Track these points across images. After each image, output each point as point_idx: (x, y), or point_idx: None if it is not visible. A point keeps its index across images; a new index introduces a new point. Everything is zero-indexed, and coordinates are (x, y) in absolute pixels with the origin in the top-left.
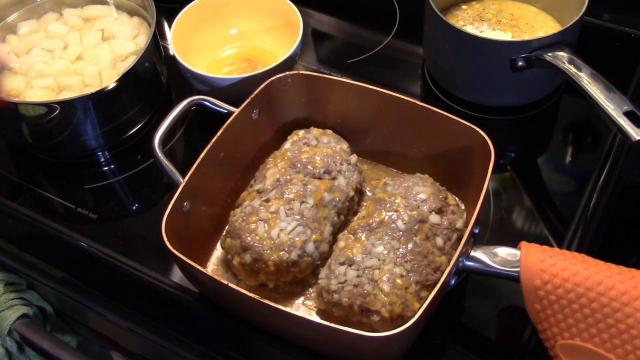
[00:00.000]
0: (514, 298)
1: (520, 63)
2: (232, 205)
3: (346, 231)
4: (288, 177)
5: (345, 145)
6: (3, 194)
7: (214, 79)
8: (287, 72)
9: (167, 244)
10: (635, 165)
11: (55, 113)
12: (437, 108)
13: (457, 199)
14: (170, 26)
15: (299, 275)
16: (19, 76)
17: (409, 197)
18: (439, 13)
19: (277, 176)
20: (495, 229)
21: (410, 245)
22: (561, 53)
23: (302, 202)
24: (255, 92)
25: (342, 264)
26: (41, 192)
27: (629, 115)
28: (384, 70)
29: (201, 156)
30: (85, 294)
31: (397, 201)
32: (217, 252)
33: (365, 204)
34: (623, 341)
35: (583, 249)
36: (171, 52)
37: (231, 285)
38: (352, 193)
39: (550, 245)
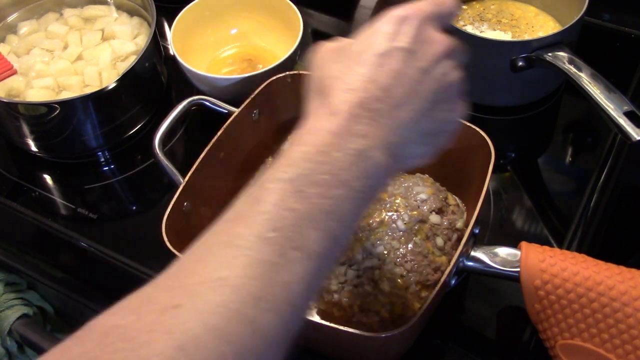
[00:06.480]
0: (514, 298)
1: (520, 63)
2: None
3: None
4: None
5: None
6: (3, 194)
7: (214, 79)
8: (287, 72)
9: (168, 244)
10: (635, 165)
11: (55, 113)
12: None
13: (457, 199)
14: (170, 26)
15: None
16: (19, 76)
17: (409, 197)
18: None
19: None
20: (495, 229)
21: (410, 246)
22: (561, 53)
23: None
24: (256, 92)
25: (342, 264)
26: (41, 192)
27: (629, 115)
28: None
29: (201, 156)
30: (85, 294)
31: (397, 201)
32: None
33: None
34: (623, 341)
35: (583, 249)
36: (171, 52)
37: None
38: None
39: (551, 245)
